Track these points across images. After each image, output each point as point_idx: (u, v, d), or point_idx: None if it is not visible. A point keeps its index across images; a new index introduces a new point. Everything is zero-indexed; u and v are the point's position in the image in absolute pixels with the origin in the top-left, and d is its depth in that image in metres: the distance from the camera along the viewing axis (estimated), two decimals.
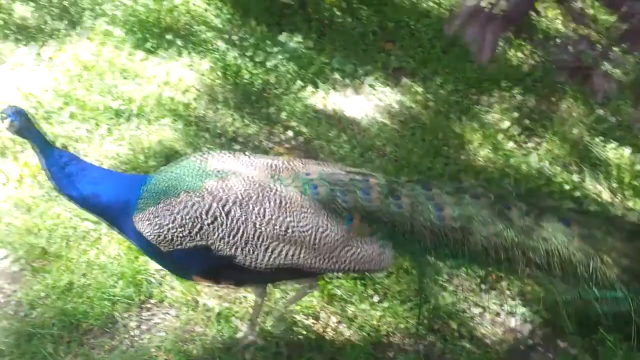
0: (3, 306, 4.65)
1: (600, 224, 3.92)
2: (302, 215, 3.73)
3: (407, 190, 3.91)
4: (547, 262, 3.79)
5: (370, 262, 3.84)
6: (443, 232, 3.82)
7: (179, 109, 6.02)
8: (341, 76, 6.55)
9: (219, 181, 3.76)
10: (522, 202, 3.92)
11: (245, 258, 3.72)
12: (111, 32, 6.83)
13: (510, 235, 3.79)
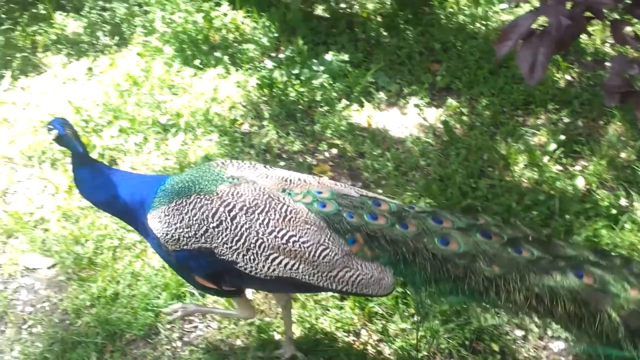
0: (49, 314, 4.74)
1: (620, 277, 3.67)
2: (304, 230, 3.74)
3: (416, 220, 3.86)
4: (550, 310, 3.64)
5: (369, 286, 3.79)
6: (445, 267, 3.74)
7: (226, 125, 6.11)
8: (386, 95, 6.58)
9: (231, 187, 3.83)
10: (535, 247, 3.77)
11: (246, 265, 3.76)
12: (161, 49, 6.97)
13: (514, 278, 3.67)
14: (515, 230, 3.88)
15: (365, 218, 3.82)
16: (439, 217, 3.88)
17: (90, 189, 4.05)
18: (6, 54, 7.18)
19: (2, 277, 4.98)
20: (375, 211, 3.85)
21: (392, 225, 3.80)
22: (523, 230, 3.89)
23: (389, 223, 3.82)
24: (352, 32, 7.35)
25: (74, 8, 7.87)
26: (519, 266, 3.69)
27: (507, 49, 3.23)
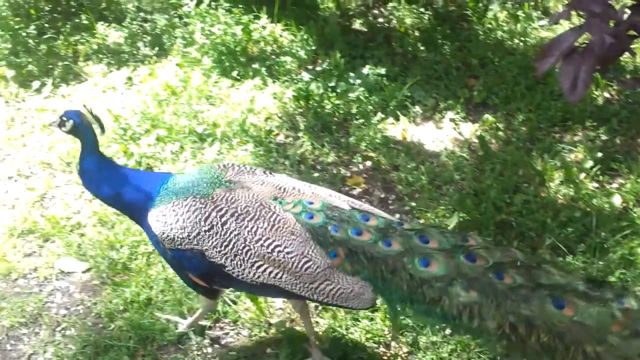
0: (83, 317, 4.79)
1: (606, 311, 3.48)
2: (290, 241, 3.80)
3: (402, 238, 3.83)
4: (523, 339, 3.54)
5: (349, 299, 3.81)
6: (421, 288, 3.70)
7: (261, 136, 6.15)
8: (422, 109, 6.58)
9: (226, 192, 3.94)
10: (520, 274, 3.65)
11: (233, 269, 3.85)
12: (200, 60, 7.06)
13: (489, 305, 3.59)
14: (505, 254, 3.79)
15: (349, 233, 3.84)
16: (426, 236, 3.84)
17: (96, 182, 4.19)
18: (48, 62, 7.32)
19: (38, 279, 5.05)
20: (361, 226, 3.86)
21: (375, 243, 3.81)
22: (513, 255, 3.78)
23: (372, 240, 3.82)
24: (389, 46, 7.37)
25: (115, 19, 8.01)
26: (496, 293, 3.59)
27: (548, 66, 3.22)
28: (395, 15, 7.88)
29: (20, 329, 4.71)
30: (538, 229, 5.25)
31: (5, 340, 4.65)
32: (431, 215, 5.37)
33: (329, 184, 5.67)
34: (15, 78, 7.07)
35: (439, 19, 7.78)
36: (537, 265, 3.74)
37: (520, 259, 3.76)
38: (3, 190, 5.83)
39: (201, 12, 7.45)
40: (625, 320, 3.41)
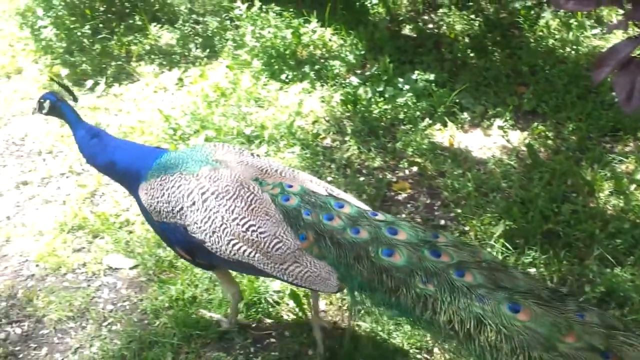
0: (129, 313, 4.87)
1: (562, 321, 3.44)
2: (264, 221, 3.91)
3: (371, 227, 3.88)
4: (470, 336, 3.54)
5: (316, 283, 3.90)
6: (381, 277, 3.75)
7: (308, 139, 6.19)
8: (470, 116, 6.55)
9: (211, 170, 4.07)
10: (482, 274, 3.66)
11: (212, 245, 3.97)
12: (250, 62, 7.14)
13: (443, 300, 3.61)
14: (473, 254, 3.81)
15: (320, 217, 3.93)
16: (395, 228, 3.89)
17: (90, 150, 4.39)
18: (102, 61, 7.48)
19: (86, 275, 5.15)
20: (333, 212, 3.95)
21: (343, 229, 3.88)
22: (481, 256, 3.81)
23: (341, 226, 3.90)
24: (438, 52, 7.36)
25: (168, 20, 8.14)
26: (453, 289, 3.62)
27: (604, 75, 3.17)
28: (445, 21, 7.87)
29: (67, 323, 4.81)
30: (586, 239, 5.17)
31: (52, 334, 4.74)
32: (477, 222, 5.33)
33: (374, 189, 5.68)
34: (69, 76, 7.24)
35: (490, 26, 7.74)
36: (503, 268, 3.77)
37: (488, 259, 3.80)
38: (55, 186, 5.97)
39: (252, 15, 7.53)
40: (581, 333, 3.38)
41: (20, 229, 5.53)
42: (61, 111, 4.44)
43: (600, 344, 3.32)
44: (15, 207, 5.77)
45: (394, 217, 4.15)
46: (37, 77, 7.34)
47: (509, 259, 5.01)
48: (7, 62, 7.63)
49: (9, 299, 4.97)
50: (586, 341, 3.35)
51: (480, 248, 4.11)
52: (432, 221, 5.48)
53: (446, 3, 8.18)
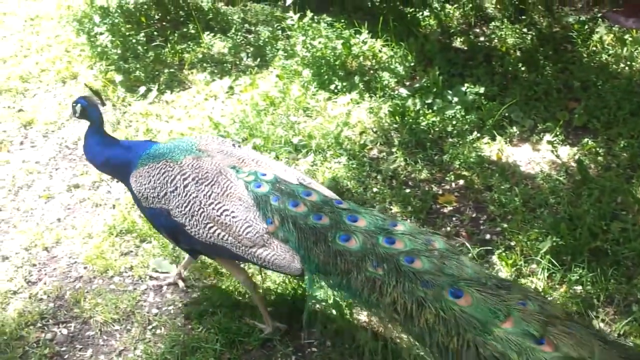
0: (173, 317, 4.93)
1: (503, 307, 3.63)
2: (237, 206, 4.21)
3: (332, 214, 4.17)
4: (411, 317, 3.75)
5: (281, 266, 4.14)
6: (335, 260, 4.00)
7: (355, 149, 6.20)
8: (519, 130, 6.49)
9: (194, 159, 4.41)
10: (431, 260, 3.89)
11: (192, 229, 4.29)
12: (300, 72, 7.19)
13: (389, 283, 3.85)
14: (427, 243, 4.01)
15: (286, 204, 4.23)
16: (356, 216, 4.16)
17: (93, 153, 4.78)
18: (155, 68, 7.61)
19: (133, 278, 5.23)
20: (299, 200, 4.25)
21: (307, 215, 4.17)
22: (435, 246, 4.01)
23: (305, 212, 4.19)
24: (489, 65, 7.32)
25: (221, 29, 8.25)
26: (400, 273, 3.84)
27: None
28: (497, 34, 7.82)
29: (113, 325, 4.88)
30: (635, 258, 5.08)
31: (98, 335, 4.82)
32: (523, 237, 5.27)
33: (420, 201, 5.66)
34: (123, 83, 7.38)
35: (542, 40, 7.68)
36: (454, 256, 3.95)
37: (442, 249, 3.99)
38: (105, 190, 6.08)
39: (304, 25, 7.59)
40: (519, 320, 3.55)
41: (70, 231, 5.65)
42: (90, 116, 4.74)
43: (537, 330, 3.49)
44: (66, 210, 5.90)
45: (357, 206, 4.43)
46: (91, 82, 7.49)
47: (555, 276, 4.95)
48: (63, 68, 7.81)
49: (57, 300, 5.08)
50: (522, 328, 3.52)
51: (437, 237, 4.19)
52: (478, 235, 5.45)
53: (498, 16, 8.13)
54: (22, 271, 5.31)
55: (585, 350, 3.42)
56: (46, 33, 8.60)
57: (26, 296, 5.11)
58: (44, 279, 5.26)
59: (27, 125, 6.96)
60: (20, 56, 8.17)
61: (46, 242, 5.54)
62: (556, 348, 3.44)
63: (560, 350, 3.43)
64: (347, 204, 4.32)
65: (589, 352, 3.41)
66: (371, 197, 5.71)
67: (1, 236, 5.66)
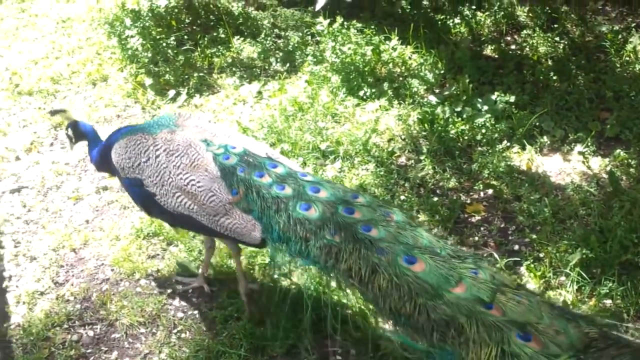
0: (198, 322, 4.93)
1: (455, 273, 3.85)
2: (202, 176, 4.41)
3: (295, 185, 4.36)
4: (367, 283, 3.94)
5: (242, 235, 4.36)
6: (295, 227, 4.19)
7: (383, 156, 6.18)
8: (550, 140, 6.42)
9: (168, 133, 4.63)
10: (387, 230, 4.07)
11: (161, 199, 4.52)
12: (329, 78, 7.17)
13: (346, 250, 4.03)
14: (385, 215, 4.21)
15: (252, 175, 4.41)
16: (318, 187, 4.36)
17: (90, 158, 5.13)
18: (185, 72, 7.65)
19: (159, 281, 5.24)
20: (264, 171, 4.43)
21: (270, 185, 4.37)
22: (393, 218, 4.20)
23: (269, 182, 4.38)
24: (520, 73, 7.25)
25: (251, 34, 8.28)
26: (356, 241, 4.03)
27: None
28: (528, 42, 7.75)
29: (138, 328, 4.90)
30: None
31: (123, 338, 4.84)
32: (552, 249, 5.21)
33: (447, 210, 5.62)
34: (152, 86, 7.42)
35: (575, 49, 7.61)
36: (411, 227, 4.14)
37: (399, 220, 4.18)
38: None
39: (333, 31, 7.58)
40: (470, 286, 3.76)
41: (98, 233, 5.69)
42: (79, 129, 5.12)
43: (487, 297, 3.70)
44: (94, 212, 5.93)
45: (320, 178, 4.75)
46: (122, 85, 7.54)
47: (585, 289, 4.89)
48: (93, 70, 7.87)
49: (84, 302, 5.11)
50: (473, 293, 3.73)
51: (395, 209, 4.36)
52: (506, 246, 5.39)
53: (530, 25, 8.07)
54: (50, 272, 5.35)
55: (532, 316, 3.63)
56: (77, 35, 8.68)
57: (53, 297, 5.14)
58: (71, 280, 5.29)
59: (57, 127, 7.02)
60: (51, 58, 8.24)
61: (74, 244, 5.58)
62: (504, 313, 3.65)
63: (507, 315, 3.64)
64: (312, 176, 4.57)
65: (536, 317, 3.63)
66: (398, 205, 5.67)
67: (30, 237, 5.71)
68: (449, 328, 3.69)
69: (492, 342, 3.59)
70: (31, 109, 7.36)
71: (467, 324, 3.64)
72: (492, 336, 3.59)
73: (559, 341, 3.56)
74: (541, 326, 3.60)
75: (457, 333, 3.67)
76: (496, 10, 8.28)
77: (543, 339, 3.56)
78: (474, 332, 3.62)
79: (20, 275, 5.35)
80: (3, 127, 7.06)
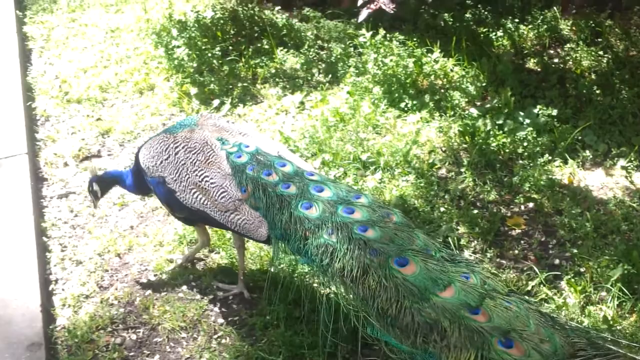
0: (238, 328, 5.00)
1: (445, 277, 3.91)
2: (215, 173, 4.61)
3: (300, 184, 4.50)
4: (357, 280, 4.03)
5: (250, 231, 4.52)
6: (295, 226, 4.33)
7: (423, 168, 6.20)
8: (593, 154, 6.39)
9: (188, 132, 4.86)
10: (383, 231, 4.17)
11: (180, 195, 4.69)
12: (371, 89, 7.23)
13: (340, 249, 4.13)
14: (385, 216, 4.32)
15: (260, 173, 4.58)
16: (322, 186, 4.49)
17: (130, 190, 5.39)
18: (229, 82, 7.76)
19: (201, 287, 5.33)
20: (272, 170, 4.59)
21: (276, 184, 4.51)
22: (392, 219, 4.31)
23: (276, 181, 4.53)
24: (562, 87, 7.23)
25: (294, 45, 8.37)
26: (351, 241, 4.13)
27: None
28: (571, 56, 7.72)
29: (180, 333, 4.98)
30: None
31: (165, 342, 4.93)
32: (593, 264, 5.19)
33: (487, 222, 5.63)
34: (197, 95, 7.54)
35: (619, 63, 7.55)
36: (409, 229, 4.25)
37: (398, 222, 4.30)
38: None
39: (376, 43, 7.64)
40: (459, 290, 3.83)
41: (142, 238, 5.80)
42: (107, 178, 5.37)
43: (474, 300, 3.77)
44: (139, 218, 6.06)
45: (327, 177, 4.90)
46: (167, 94, 7.68)
47: (626, 305, 4.86)
48: (140, 79, 8.02)
49: (127, 306, 5.21)
50: (461, 297, 3.79)
51: (396, 211, 4.46)
52: (546, 260, 5.38)
53: (574, 38, 8.04)
54: (95, 276, 5.47)
55: (519, 322, 3.69)
56: (126, 45, 8.86)
57: (98, 301, 5.26)
58: (115, 285, 5.41)
59: (105, 134, 7.18)
60: (100, 67, 8.43)
61: (119, 249, 5.70)
62: (490, 318, 3.70)
63: (493, 320, 3.69)
64: (318, 176, 4.69)
65: (522, 324, 3.68)
66: (438, 217, 5.69)
67: (76, 241, 5.85)
68: (432, 332, 3.76)
69: (472, 348, 3.66)
70: (80, 116, 7.53)
71: (450, 328, 3.71)
72: (473, 341, 3.66)
73: (542, 349, 3.61)
74: (526, 333, 3.65)
75: (440, 337, 3.74)
76: (539, 23, 8.26)
77: (525, 346, 3.61)
78: (455, 337, 3.69)
79: (67, 279, 5.49)
80: (52, 133, 7.25)
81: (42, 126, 7.44)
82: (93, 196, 5.40)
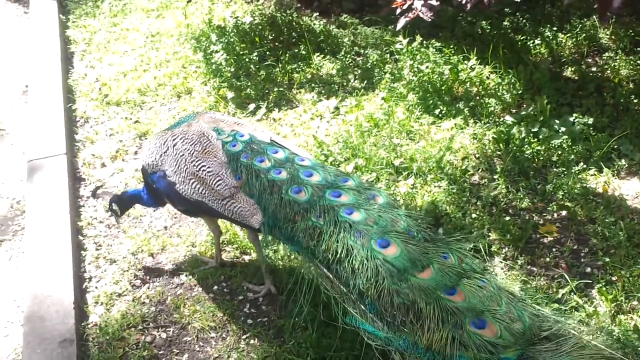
0: (267, 329, 5.05)
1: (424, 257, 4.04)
2: (212, 161, 4.72)
3: (291, 169, 4.63)
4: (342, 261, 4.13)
5: (246, 218, 4.59)
6: (285, 209, 4.46)
7: (456, 174, 6.19)
8: (628, 163, 6.31)
9: (186, 126, 5.01)
10: (369, 214, 4.28)
11: (179, 186, 4.78)
12: (405, 95, 7.23)
13: (327, 231, 4.24)
14: (370, 197, 4.47)
15: (253, 160, 4.71)
16: (311, 171, 4.62)
17: (149, 206, 5.59)
18: (265, 87, 7.84)
19: (231, 288, 5.40)
20: (264, 156, 4.72)
21: (268, 170, 4.65)
22: (378, 200, 4.46)
23: (268, 167, 4.66)
24: (600, 96, 7.15)
25: (330, 51, 8.42)
26: (336, 224, 4.26)
27: None
28: (609, 65, 7.63)
29: (209, 332, 5.06)
30: None
31: (194, 341, 5.01)
32: (626, 273, 5.14)
33: (519, 229, 5.60)
34: (234, 99, 7.62)
35: None
36: (393, 208, 4.39)
37: (384, 203, 4.44)
38: None
39: (412, 49, 7.65)
40: (436, 271, 3.97)
41: (175, 239, 5.89)
42: (125, 198, 5.50)
43: (450, 281, 3.92)
44: (173, 219, 6.15)
45: (318, 163, 4.91)
46: (205, 97, 7.78)
47: None
48: (179, 83, 8.14)
49: (159, 305, 5.30)
50: (438, 278, 3.92)
51: (382, 192, 4.60)
52: (578, 268, 5.33)
53: (612, 47, 7.96)
54: (128, 275, 5.58)
55: (492, 302, 3.82)
56: (165, 49, 9.00)
57: (130, 299, 5.36)
58: (147, 284, 5.50)
59: (142, 136, 7.30)
60: (139, 70, 8.58)
61: (152, 249, 5.80)
62: (465, 298, 3.84)
63: (468, 300, 3.82)
64: (309, 161, 4.80)
65: (496, 304, 3.81)
66: (469, 223, 5.68)
67: (111, 240, 5.96)
68: (409, 313, 3.85)
69: (444, 329, 3.75)
70: (118, 118, 7.67)
71: (425, 309, 3.81)
72: (446, 322, 3.76)
73: (513, 329, 3.71)
74: (498, 313, 3.77)
75: (416, 318, 3.83)
76: (578, 32, 8.20)
77: (497, 326, 3.72)
78: (429, 318, 3.79)
79: (100, 277, 5.60)
80: (91, 135, 7.39)
81: (81, 127, 7.60)
82: (114, 214, 5.58)
